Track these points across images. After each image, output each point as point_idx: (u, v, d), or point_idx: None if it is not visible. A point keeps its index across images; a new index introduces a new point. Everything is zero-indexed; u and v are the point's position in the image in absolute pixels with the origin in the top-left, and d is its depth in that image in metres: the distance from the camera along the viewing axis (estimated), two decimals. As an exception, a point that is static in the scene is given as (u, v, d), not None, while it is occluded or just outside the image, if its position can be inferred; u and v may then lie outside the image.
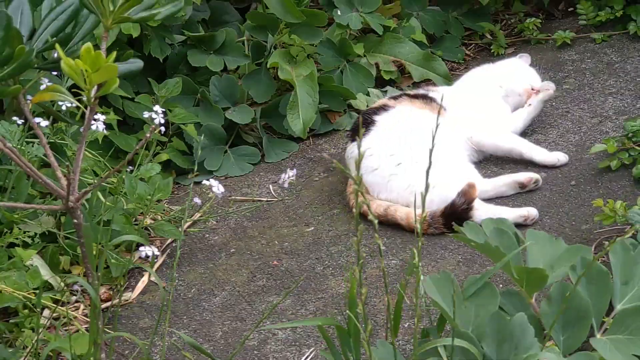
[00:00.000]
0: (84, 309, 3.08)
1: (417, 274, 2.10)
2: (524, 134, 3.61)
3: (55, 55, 2.19)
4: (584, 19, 4.34)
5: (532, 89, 3.68)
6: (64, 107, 3.06)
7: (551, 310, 2.11)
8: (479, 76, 3.79)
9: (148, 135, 1.96)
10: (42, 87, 2.62)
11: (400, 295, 2.29)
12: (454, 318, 2.01)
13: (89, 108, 1.96)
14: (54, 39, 2.15)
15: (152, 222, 3.34)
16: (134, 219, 3.26)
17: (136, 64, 2.18)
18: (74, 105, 3.24)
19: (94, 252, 3.10)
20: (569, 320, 2.11)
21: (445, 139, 3.39)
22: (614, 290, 2.18)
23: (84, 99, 1.91)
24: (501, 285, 2.74)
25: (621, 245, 2.25)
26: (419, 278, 2.10)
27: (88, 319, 3.00)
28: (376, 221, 2.13)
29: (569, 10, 4.57)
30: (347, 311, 2.16)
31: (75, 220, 2.01)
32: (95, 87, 1.91)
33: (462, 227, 3.07)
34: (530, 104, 3.65)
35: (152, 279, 3.19)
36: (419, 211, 3.05)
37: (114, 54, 1.87)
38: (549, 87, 3.69)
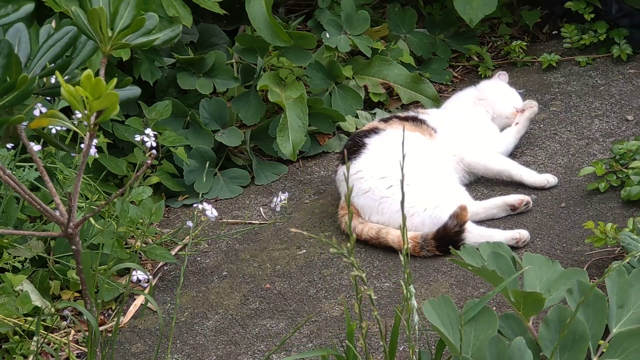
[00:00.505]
0: (74, 335, 3.07)
1: (407, 304, 2.12)
2: (513, 155, 3.64)
3: (53, 80, 2.20)
4: (568, 42, 4.39)
5: (517, 110, 3.72)
6: (53, 131, 3.05)
7: (549, 334, 2.12)
8: (466, 99, 3.82)
9: (149, 162, 1.96)
10: (36, 112, 2.63)
11: (397, 321, 2.30)
12: (458, 341, 2.01)
13: (88, 134, 1.96)
14: (52, 65, 2.16)
15: (144, 245, 3.33)
16: (124, 243, 3.26)
17: (133, 90, 2.19)
18: (63, 129, 3.26)
19: (85, 276, 3.11)
20: (566, 343, 2.13)
21: (436, 161, 3.42)
22: (609, 313, 2.20)
23: (75, 122, 1.92)
24: (494, 308, 2.75)
25: (616, 269, 2.26)
26: (410, 309, 2.12)
27: (79, 345, 2.99)
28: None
29: (554, 33, 4.61)
30: (347, 341, 2.15)
31: (73, 247, 2.01)
32: (95, 113, 1.92)
33: (455, 249, 3.12)
34: (517, 123, 3.69)
35: (144, 302, 3.18)
36: (408, 234, 3.08)
37: (114, 80, 1.88)
38: (533, 105, 3.75)
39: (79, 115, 2.65)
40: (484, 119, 3.72)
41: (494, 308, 2.75)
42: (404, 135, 2.39)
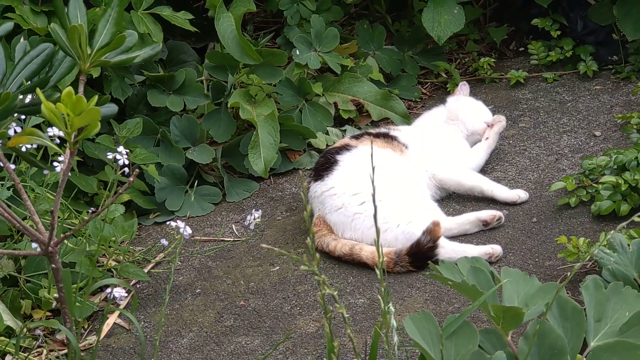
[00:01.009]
0: (46, 355, 3.04)
1: (385, 320, 2.12)
2: (484, 171, 3.67)
3: (29, 99, 2.19)
4: (535, 58, 4.44)
5: (487, 124, 3.76)
6: (23, 149, 3.02)
7: (528, 348, 2.13)
8: (437, 117, 3.84)
9: (131, 179, 1.96)
10: (10, 131, 2.61)
11: (375, 337, 2.30)
12: (439, 356, 2.02)
13: (68, 152, 1.95)
14: (29, 82, 2.15)
15: (116, 263, 3.32)
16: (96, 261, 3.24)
17: (111, 108, 2.19)
18: (34, 146, 3.23)
19: (57, 295, 3.08)
20: (545, 357, 2.14)
21: (408, 177, 3.44)
22: (587, 327, 2.22)
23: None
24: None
25: (593, 282, 2.28)
26: (387, 324, 2.13)
27: (53, 364, 2.97)
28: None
29: (520, 50, 4.67)
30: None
31: (53, 265, 1.99)
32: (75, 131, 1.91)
33: (427, 265, 3.13)
34: (487, 138, 3.72)
35: (117, 321, 3.16)
36: (382, 250, 3.09)
37: (95, 97, 1.87)
38: (501, 119, 3.80)
39: (51, 133, 2.66)
40: (455, 136, 3.75)
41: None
42: (372, 151, 2.38)
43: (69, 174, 3.31)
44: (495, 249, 3.15)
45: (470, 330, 2.12)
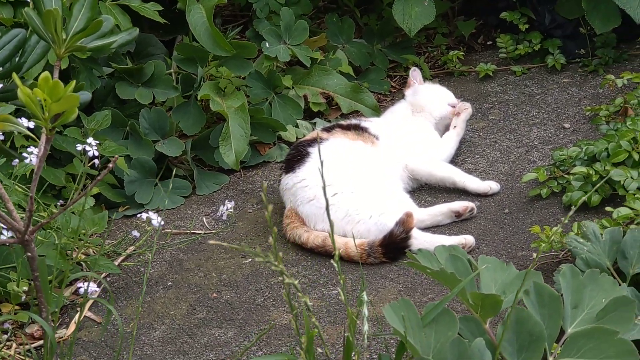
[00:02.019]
0: (16, 348, 3.00)
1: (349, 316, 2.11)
2: (454, 163, 3.67)
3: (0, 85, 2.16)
4: (504, 52, 4.45)
5: (451, 105, 3.78)
6: (-6, 138, 2.98)
7: (507, 334, 2.13)
8: (403, 110, 3.84)
9: (106, 170, 1.93)
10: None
11: (352, 328, 2.28)
12: (418, 344, 2.02)
13: (44, 138, 1.92)
14: (1, 68, 2.11)
15: (86, 256, 3.28)
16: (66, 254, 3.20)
17: (85, 95, 2.16)
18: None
19: (26, 288, 3.04)
20: (523, 344, 2.14)
21: (380, 169, 3.44)
22: (564, 314, 2.22)
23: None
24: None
25: (570, 269, 2.29)
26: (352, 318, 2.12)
27: (24, 358, 2.92)
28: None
29: (488, 43, 4.68)
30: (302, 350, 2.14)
31: (29, 254, 1.96)
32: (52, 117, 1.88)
33: (400, 256, 3.13)
34: (455, 126, 3.73)
35: (88, 314, 3.13)
36: (355, 241, 3.09)
37: (73, 82, 1.84)
38: (467, 106, 3.82)
39: (25, 121, 2.62)
40: (424, 127, 3.75)
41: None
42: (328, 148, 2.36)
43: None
44: (468, 239, 3.16)
45: (449, 318, 2.12)
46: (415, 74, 3.91)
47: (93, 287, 2.73)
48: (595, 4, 4.14)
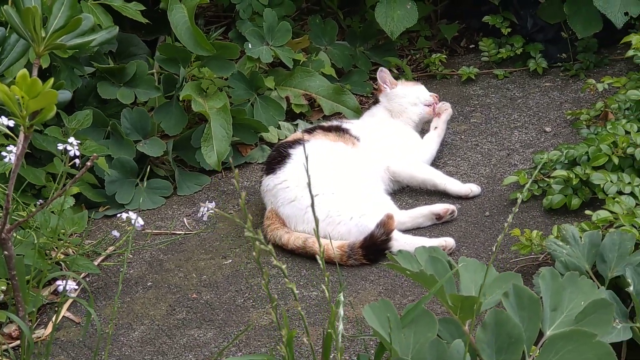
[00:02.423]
0: (-6, 347, 2.98)
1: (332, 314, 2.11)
2: (436, 166, 3.67)
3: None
4: (486, 55, 4.47)
5: (429, 104, 3.80)
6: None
7: (486, 336, 2.13)
8: (379, 114, 3.84)
9: (85, 169, 1.92)
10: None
11: (333, 323, 2.28)
12: (398, 345, 2.01)
13: (22, 135, 1.91)
14: (-20, 66, 2.10)
15: (65, 256, 3.26)
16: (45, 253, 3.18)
17: (65, 94, 2.15)
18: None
19: (4, 288, 3.02)
20: (502, 345, 2.14)
21: (361, 170, 3.44)
22: (543, 316, 2.22)
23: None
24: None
25: (550, 272, 2.29)
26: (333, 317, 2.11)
27: (1, 357, 2.90)
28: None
29: (471, 47, 4.69)
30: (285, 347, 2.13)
31: (6, 252, 1.95)
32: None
33: (381, 258, 3.13)
34: (436, 127, 3.74)
35: (66, 314, 3.11)
36: (336, 243, 3.09)
37: (51, 80, 1.83)
38: (447, 107, 3.84)
39: (5, 120, 2.61)
40: (404, 129, 3.76)
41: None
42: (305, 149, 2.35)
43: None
44: (449, 241, 3.16)
45: (429, 319, 2.12)
46: (383, 75, 3.85)
47: (72, 285, 2.71)
48: (577, 9, 4.16)
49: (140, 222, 2.90)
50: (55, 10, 2.00)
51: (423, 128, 3.83)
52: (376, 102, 3.90)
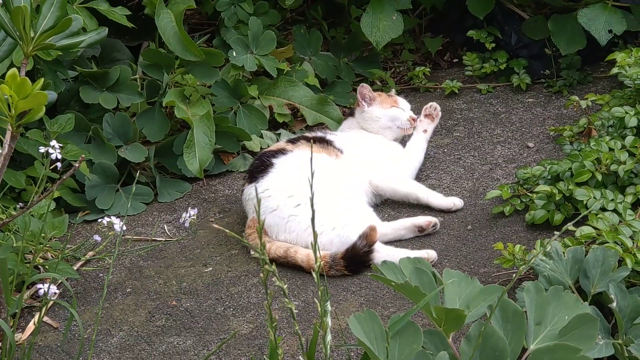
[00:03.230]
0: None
1: (323, 324, 2.09)
2: (419, 179, 3.67)
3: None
4: (470, 70, 4.48)
5: (411, 118, 3.79)
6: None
7: (470, 349, 2.13)
8: (359, 124, 3.83)
9: (69, 173, 1.90)
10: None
11: (315, 335, 2.27)
12: (382, 355, 2.00)
13: (9, 135, 1.89)
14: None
15: (44, 260, 3.23)
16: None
17: (50, 95, 2.13)
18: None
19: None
20: (486, 358, 2.14)
21: (344, 182, 3.43)
22: (527, 330, 2.22)
23: None
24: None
25: (534, 286, 2.29)
26: (324, 326, 2.10)
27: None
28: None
29: (455, 61, 4.70)
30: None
31: (-11, 253, 1.92)
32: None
33: (362, 269, 3.12)
34: (425, 130, 3.75)
35: (44, 319, 3.08)
36: (323, 253, 3.08)
37: (41, 81, 1.82)
38: (437, 109, 3.83)
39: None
40: (388, 143, 3.75)
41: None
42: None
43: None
44: (431, 254, 3.15)
45: (414, 331, 2.11)
46: (363, 91, 3.80)
47: (53, 288, 2.69)
48: (562, 26, 4.18)
49: (123, 227, 2.89)
50: (45, 11, 1.98)
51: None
52: (352, 114, 3.87)
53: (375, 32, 4.16)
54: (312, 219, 2.22)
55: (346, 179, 3.46)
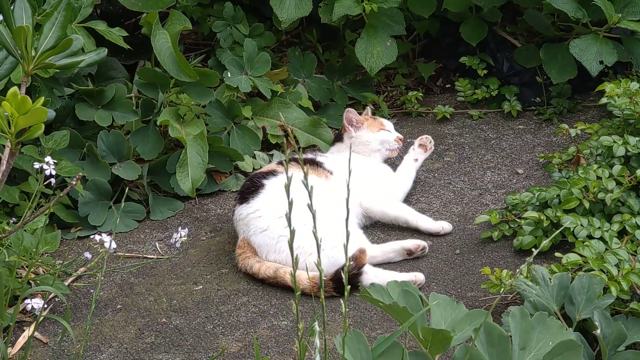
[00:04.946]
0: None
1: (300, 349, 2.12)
2: (408, 202, 3.71)
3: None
4: (462, 95, 4.53)
5: (398, 138, 3.84)
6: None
7: (455, 372, 2.17)
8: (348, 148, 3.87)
9: (68, 188, 1.93)
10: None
11: (302, 351, 2.30)
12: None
13: (7, 152, 1.93)
14: (-33, 81, 2.11)
15: (35, 275, 3.26)
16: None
17: (50, 113, 2.16)
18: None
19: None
20: (471, 382, 2.17)
21: (334, 203, 3.46)
22: (512, 354, 2.26)
23: None
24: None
25: (520, 311, 2.33)
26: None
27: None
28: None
29: (447, 86, 4.75)
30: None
31: (-16, 267, 1.96)
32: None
33: (351, 291, 3.14)
34: (416, 159, 3.80)
35: (35, 334, 3.10)
36: (308, 274, 3.11)
37: (42, 98, 1.85)
38: (431, 141, 3.89)
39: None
40: (377, 164, 3.79)
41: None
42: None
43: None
44: (418, 276, 3.19)
45: (399, 351, 2.14)
46: (349, 116, 3.83)
47: (40, 304, 2.71)
48: (553, 55, 4.23)
49: (113, 245, 2.92)
50: (46, 30, 2.02)
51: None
52: (340, 139, 3.91)
53: (370, 58, 4.21)
54: (291, 239, 2.26)
55: (336, 200, 3.49)
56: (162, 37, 3.77)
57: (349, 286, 3.14)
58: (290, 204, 2.27)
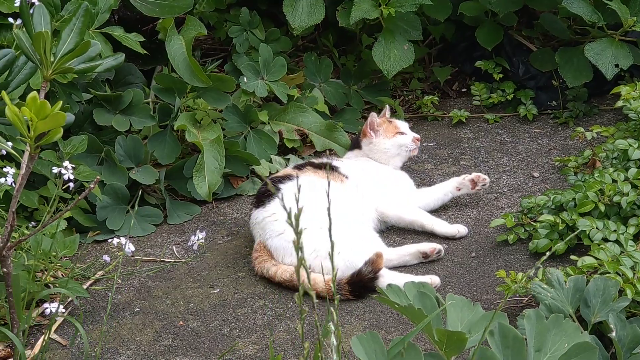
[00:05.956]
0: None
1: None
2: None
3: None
4: (478, 99, 4.54)
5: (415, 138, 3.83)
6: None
7: (471, 373, 2.18)
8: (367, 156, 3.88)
9: (86, 191, 1.96)
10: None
11: (317, 350, 2.31)
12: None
13: (27, 156, 1.95)
14: (-12, 87, 2.14)
15: (54, 279, 3.29)
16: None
17: (68, 117, 2.19)
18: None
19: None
20: (486, 384, 2.18)
21: (351, 207, 3.48)
22: (527, 356, 2.27)
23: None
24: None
25: (535, 313, 2.34)
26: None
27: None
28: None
29: (463, 90, 4.76)
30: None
31: (4, 270, 1.98)
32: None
33: (366, 295, 3.17)
34: (459, 189, 3.73)
35: (53, 336, 3.13)
36: (325, 277, 3.12)
37: (60, 102, 1.88)
38: (487, 184, 3.75)
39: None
40: (393, 170, 3.81)
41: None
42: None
43: (14, 186, 3.29)
44: (434, 279, 3.20)
45: (415, 353, 2.16)
46: (372, 121, 3.84)
47: (54, 306, 2.74)
48: (569, 59, 4.24)
49: (131, 247, 2.95)
50: (65, 36, 2.05)
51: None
52: (358, 146, 3.93)
53: (387, 61, 4.22)
54: (297, 239, 2.27)
55: (352, 204, 3.52)
56: (176, 43, 3.80)
57: (364, 290, 3.19)
58: (300, 209, 2.25)
